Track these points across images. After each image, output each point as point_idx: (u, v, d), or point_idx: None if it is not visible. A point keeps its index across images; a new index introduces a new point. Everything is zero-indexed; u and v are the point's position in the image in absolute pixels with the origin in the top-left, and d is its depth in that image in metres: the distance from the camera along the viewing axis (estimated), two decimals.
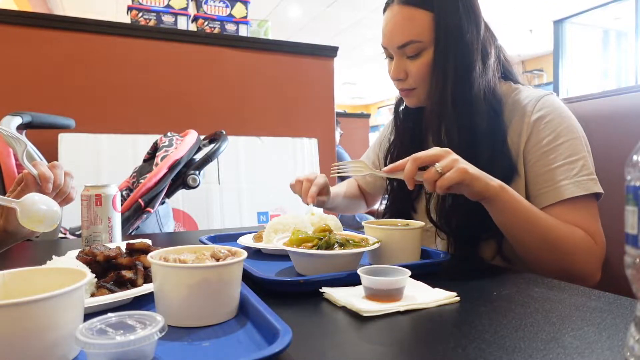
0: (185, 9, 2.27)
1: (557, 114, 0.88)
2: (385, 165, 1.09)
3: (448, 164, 0.74)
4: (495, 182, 0.78)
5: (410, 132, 1.07)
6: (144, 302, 0.58)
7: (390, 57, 0.99)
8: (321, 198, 1.09)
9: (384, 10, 0.99)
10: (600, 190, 0.84)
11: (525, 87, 0.95)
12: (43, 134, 1.65)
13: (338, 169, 0.93)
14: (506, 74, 0.99)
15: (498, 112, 0.91)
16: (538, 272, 0.79)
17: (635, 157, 0.36)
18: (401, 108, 1.10)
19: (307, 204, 1.03)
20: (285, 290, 0.63)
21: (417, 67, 0.94)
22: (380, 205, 1.22)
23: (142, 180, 1.43)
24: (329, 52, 2.50)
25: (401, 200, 1.07)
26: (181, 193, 1.88)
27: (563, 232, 0.81)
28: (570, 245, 0.81)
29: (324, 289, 0.61)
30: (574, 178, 0.84)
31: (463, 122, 0.89)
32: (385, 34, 0.97)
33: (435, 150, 0.77)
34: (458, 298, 0.58)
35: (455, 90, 0.90)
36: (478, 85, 0.90)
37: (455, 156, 0.76)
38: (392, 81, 1.01)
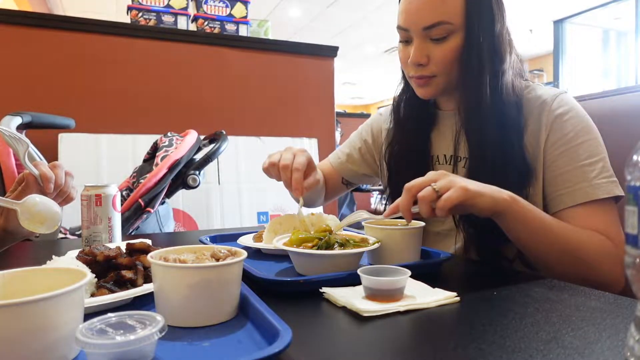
0: (185, 9, 2.27)
1: (575, 113, 0.85)
2: (388, 164, 1.05)
3: (445, 184, 0.68)
4: (504, 194, 0.73)
5: (414, 132, 1.01)
6: (144, 302, 0.58)
7: (406, 40, 0.90)
8: (309, 182, 0.91)
9: None
10: (621, 193, 0.80)
11: (537, 85, 0.93)
12: (43, 134, 1.65)
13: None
14: (520, 72, 0.95)
15: (520, 108, 0.87)
16: (559, 278, 0.75)
17: (635, 157, 0.36)
18: (402, 106, 1.02)
19: (297, 200, 0.90)
20: (285, 290, 0.63)
21: (444, 52, 0.85)
22: (380, 205, 1.18)
23: (142, 180, 1.43)
24: (329, 52, 2.50)
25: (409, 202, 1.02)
26: (181, 193, 1.88)
27: (582, 240, 0.77)
28: (591, 253, 0.77)
29: (324, 289, 0.61)
30: (593, 180, 0.80)
31: (497, 116, 0.85)
32: (408, 13, 0.86)
33: (429, 174, 0.72)
34: (458, 298, 0.58)
35: (491, 80, 0.85)
36: (507, 78, 0.86)
37: (452, 176, 0.71)
38: (408, 68, 0.91)
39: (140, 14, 2.19)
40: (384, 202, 1.11)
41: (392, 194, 1.05)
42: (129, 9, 2.19)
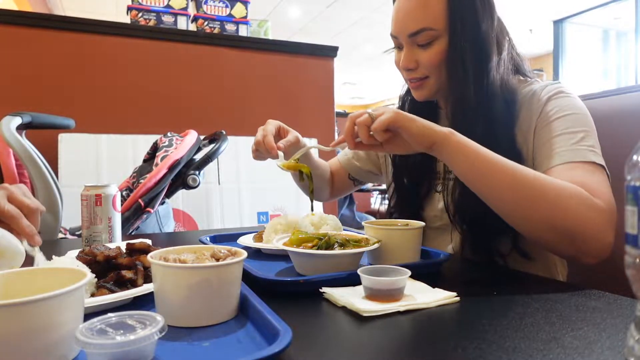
0: (185, 9, 2.27)
1: (565, 94, 0.87)
2: (393, 160, 1.07)
3: (381, 110, 0.74)
4: (443, 128, 0.75)
5: None
6: (144, 302, 0.58)
7: (399, 47, 0.96)
8: (288, 139, 0.97)
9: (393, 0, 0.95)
10: (600, 162, 0.77)
11: (536, 80, 0.94)
12: (43, 134, 1.65)
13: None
14: (518, 69, 0.97)
15: (511, 104, 0.89)
16: (531, 235, 0.74)
17: (635, 157, 0.36)
18: (407, 105, 1.06)
19: (276, 158, 0.94)
20: (285, 290, 0.63)
21: (429, 56, 0.90)
22: (381, 205, 1.20)
23: (142, 180, 1.43)
24: (329, 52, 2.50)
25: (410, 198, 1.04)
26: (181, 193, 1.88)
27: (544, 179, 0.73)
28: (563, 195, 0.71)
29: (324, 289, 0.61)
30: (572, 146, 0.79)
31: (482, 113, 0.87)
32: (396, 22, 0.92)
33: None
34: (458, 298, 0.58)
35: (475, 80, 0.87)
36: (494, 76, 0.88)
37: (394, 108, 0.76)
38: (401, 72, 0.97)
39: (140, 14, 2.19)
40: (385, 201, 1.12)
41: (397, 189, 1.06)
42: (129, 9, 2.19)
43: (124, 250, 0.64)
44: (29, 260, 0.66)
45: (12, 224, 0.68)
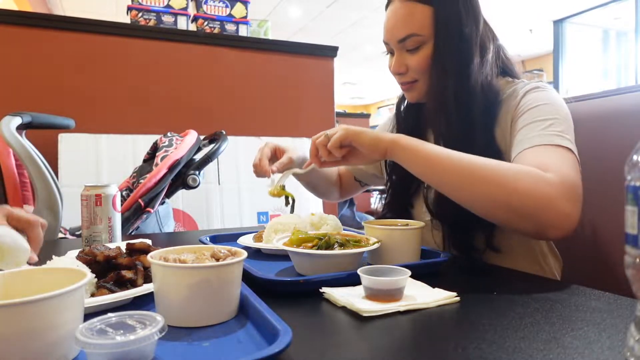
0: (185, 9, 2.27)
1: (542, 89, 0.90)
2: (385, 161, 1.11)
3: (334, 130, 0.84)
4: (392, 134, 0.82)
5: (411, 130, 1.06)
6: (144, 302, 0.58)
7: (391, 52, 1.01)
8: (281, 161, 1.03)
9: (386, 7, 1.01)
10: (566, 145, 0.78)
11: (522, 81, 0.97)
12: (43, 134, 1.65)
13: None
14: (506, 71, 1.00)
15: (492, 105, 0.92)
16: (494, 219, 0.77)
17: (635, 157, 0.36)
18: (403, 106, 1.11)
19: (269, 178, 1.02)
20: (285, 290, 0.63)
21: (417, 61, 0.95)
22: (377, 204, 1.22)
23: (142, 180, 1.43)
24: (329, 52, 2.50)
25: (399, 196, 1.08)
26: (181, 193, 1.88)
27: (493, 164, 0.75)
28: (502, 173, 0.73)
29: (324, 289, 0.61)
30: (539, 132, 0.81)
31: (461, 114, 0.90)
32: (387, 29, 0.98)
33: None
34: (458, 298, 0.58)
35: (455, 83, 0.91)
36: (475, 78, 0.91)
37: (345, 126, 0.84)
38: (394, 76, 1.02)
39: (140, 14, 2.19)
40: (383, 201, 1.14)
41: (390, 188, 1.10)
42: (129, 9, 2.19)
43: (124, 250, 0.64)
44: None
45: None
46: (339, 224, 0.93)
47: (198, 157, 1.55)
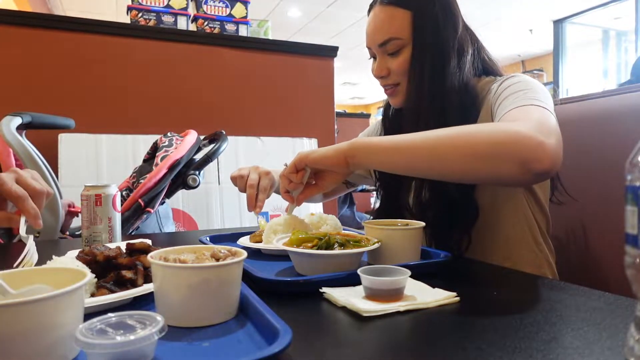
0: (185, 9, 2.27)
1: (518, 76, 0.90)
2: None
3: (293, 159, 0.83)
4: (343, 142, 0.80)
5: (397, 132, 1.08)
6: (144, 302, 0.58)
7: (374, 57, 1.03)
8: (261, 203, 1.05)
9: (368, 12, 1.02)
10: (543, 106, 0.77)
11: (502, 76, 0.96)
12: (43, 134, 1.65)
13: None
14: (488, 71, 1.01)
15: (470, 106, 0.93)
16: (480, 177, 0.75)
17: (635, 157, 0.36)
18: (390, 111, 1.12)
19: (254, 213, 1.03)
20: (285, 290, 0.63)
21: (398, 64, 0.97)
22: (377, 204, 1.22)
23: (142, 180, 1.43)
24: (329, 52, 2.50)
25: (390, 197, 1.08)
26: (181, 193, 1.88)
27: (457, 127, 0.74)
28: (470, 129, 0.73)
29: (324, 289, 0.61)
30: (514, 100, 0.81)
31: (437, 116, 0.91)
32: (368, 34, 1.01)
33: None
34: (458, 298, 0.58)
35: (431, 85, 0.93)
36: (452, 80, 0.92)
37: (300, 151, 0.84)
38: (377, 79, 1.04)
39: (140, 14, 2.19)
40: (378, 202, 1.15)
41: (382, 189, 1.10)
42: (129, 9, 2.19)
43: (124, 250, 0.64)
44: (21, 246, 0.66)
45: (18, 204, 0.73)
46: (339, 224, 0.92)
47: (198, 157, 1.55)
